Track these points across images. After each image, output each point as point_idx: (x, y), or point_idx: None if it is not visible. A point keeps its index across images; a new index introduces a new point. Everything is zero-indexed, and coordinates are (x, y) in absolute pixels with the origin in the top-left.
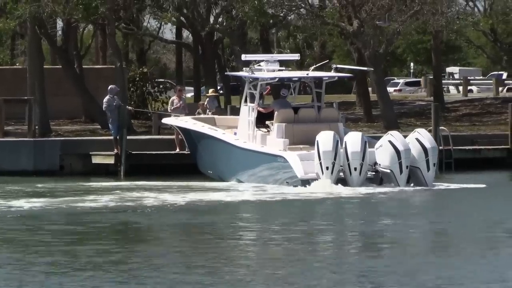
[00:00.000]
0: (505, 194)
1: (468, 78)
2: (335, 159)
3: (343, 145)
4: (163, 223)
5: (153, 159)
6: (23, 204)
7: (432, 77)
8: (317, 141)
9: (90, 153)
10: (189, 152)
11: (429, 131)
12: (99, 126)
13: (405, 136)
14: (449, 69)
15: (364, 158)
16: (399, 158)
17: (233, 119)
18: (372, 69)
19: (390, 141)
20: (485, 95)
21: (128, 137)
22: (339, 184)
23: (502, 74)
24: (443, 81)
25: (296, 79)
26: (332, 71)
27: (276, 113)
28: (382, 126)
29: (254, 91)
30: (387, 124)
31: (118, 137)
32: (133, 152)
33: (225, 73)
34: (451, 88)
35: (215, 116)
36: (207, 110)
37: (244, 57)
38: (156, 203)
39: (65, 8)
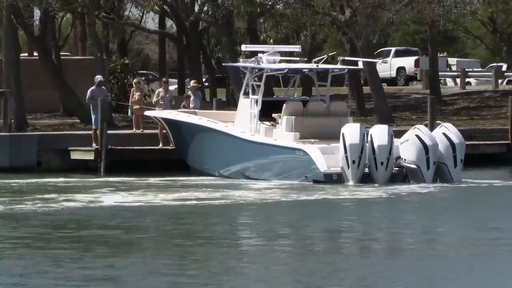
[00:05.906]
0: None
1: (466, 70)
2: (361, 152)
3: (368, 139)
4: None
5: (135, 154)
6: None
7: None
8: (343, 133)
9: (69, 148)
10: (173, 147)
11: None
12: (78, 120)
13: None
14: None
15: (391, 152)
16: (426, 154)
17: (217, 114)
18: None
19: (417, 136)
20: (484, 87)
21: (109, 132)
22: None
23: (501, 66)
24: (439, 73)
25: (307, 70)
26: (339, 63)
27: (284, 105)
28: (376, 120)
29: (258, 82)
30: (381, 117)
31: (97, 131)
32: (114, 147)
33: (223, 64)
34: (448, 80)
35: (197, 111)
36: (190, 105)
37: (244, 47)
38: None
39: None
